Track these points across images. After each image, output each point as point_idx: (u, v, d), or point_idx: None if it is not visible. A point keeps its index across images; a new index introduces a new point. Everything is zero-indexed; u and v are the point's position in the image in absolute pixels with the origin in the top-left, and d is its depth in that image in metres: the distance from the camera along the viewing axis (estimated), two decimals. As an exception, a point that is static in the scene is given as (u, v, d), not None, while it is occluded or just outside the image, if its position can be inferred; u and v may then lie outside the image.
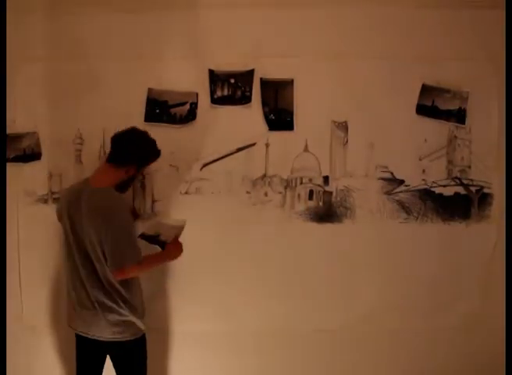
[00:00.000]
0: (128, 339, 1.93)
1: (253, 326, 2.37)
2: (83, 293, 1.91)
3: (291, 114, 2.29)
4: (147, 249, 1.94)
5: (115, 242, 1.80)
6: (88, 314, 1.91)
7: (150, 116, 2.27)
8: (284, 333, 2.38)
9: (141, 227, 2.07)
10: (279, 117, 2.30)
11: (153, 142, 1.99)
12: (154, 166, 2.28)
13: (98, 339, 1.92)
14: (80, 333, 1.96)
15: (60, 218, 1.98)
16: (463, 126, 2.32)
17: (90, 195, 1.85)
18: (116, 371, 2.01)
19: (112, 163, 1.90)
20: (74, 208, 1.87)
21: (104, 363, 2.06)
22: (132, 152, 1.91)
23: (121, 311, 1.89)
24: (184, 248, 2.00)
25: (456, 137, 2.33)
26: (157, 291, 2.32)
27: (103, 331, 1.90)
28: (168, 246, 1.98)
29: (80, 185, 1.94)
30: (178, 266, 2.30)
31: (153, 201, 2.31)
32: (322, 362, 2.42)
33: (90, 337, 1.93)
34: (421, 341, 2.41)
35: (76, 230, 1.88)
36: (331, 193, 2.33)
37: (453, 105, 2.31)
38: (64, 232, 1.95)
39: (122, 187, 1.96)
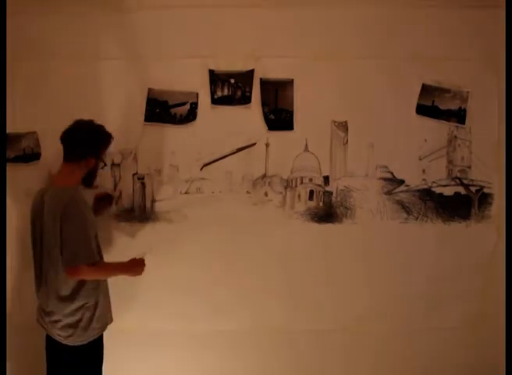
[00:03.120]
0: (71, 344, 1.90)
1: (252, 325, 2.37)
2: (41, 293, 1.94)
3: (291, 114, 2.29)
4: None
5: (68, 240, 1.78)
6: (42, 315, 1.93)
7: (150, 116, 2.27)
8: (284, 333, 2.38)
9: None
10: (279, 117, 2.30)
11: (100, 128, 1.95)
12: (154, 165, 2.29)
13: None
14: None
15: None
16: (463, 126, 2.32)
17: (50, 195, 1.85)
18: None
19: (70, 162, 1.90)
20: (38, 209, 1.88)
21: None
22: (83, 145, 1.89)
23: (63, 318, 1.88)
24: (183, 248, 2.00)
25: (456, 137, 2.33)
26: (157, 290, 2.32)
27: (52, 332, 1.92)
28: (133, 260, 2.01)
29: (45, 187, 1.96)
30: (177, 266, 2.30)
31: (153, 201, 2.31)
32: (322, 361, 2.42)
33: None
34: (421, 341, 2.41)
35: (37, 232, 1.90)
36: (331, 193, 2.33)
37: (453, 105, 2.31)
38: (31, 234, 1.96)
39: (87, 180, 1.97)
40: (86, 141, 1.89)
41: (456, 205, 2.34)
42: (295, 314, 2.37)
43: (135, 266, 2.01)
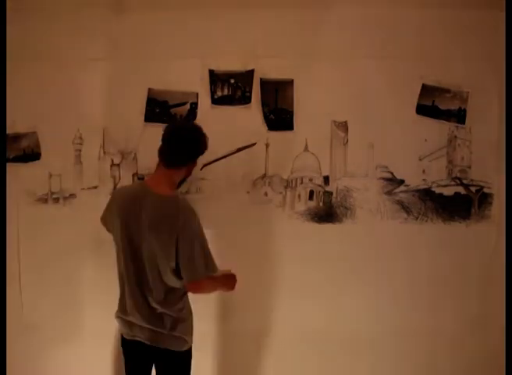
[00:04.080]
0: (180, 349, 1.88)
1: (252, 325, 2.37)
2: (140, 301, 1.82)
3: (291, 114, 2.29)
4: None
5: (194, 255, 1.75)
6: (147, 322, 1.84)
7: (150, 116, 2.27)
8: (283, 333, 2.38)
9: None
10: (279, 117, 2.30)
11: (205, 135, 1.90)
12: (154, 165, 2.28)
13: (151, 345, 1.85)
14: (139, 340, 1.88)
15: (109, 224, 1.91)
16: (463, 126, 2.32)
17: (155, 203, 1.76)
18: None
19: (172, 167, 1.82)
20: (132, 215, 1.77)
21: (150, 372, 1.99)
22: (194, 151, 1.85)
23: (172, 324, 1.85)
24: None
25: (456, 137, 2.33)
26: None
27: (162, 340, 1.85)
28: (230, 275, 2.00)
29: (138, 190, 1.85)
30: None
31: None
32: (322, 362, 2.41)
33: (148, 343, 1.86)
34: (421, 341, 2.41)
35: (132, 239, 1.78)
36: (331, 193, 2.33)
37: (453, 105, 2.31)
38: (116, 239, 1.85)
39: (180, 183, 1.93)
40: (198, 147, 1.85)
41: (456, 205, 2.34)
42: (295, 314, 2.37)
43: (231, 280, 1.99)
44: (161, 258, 1.77)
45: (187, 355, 1.93)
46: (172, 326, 1.84)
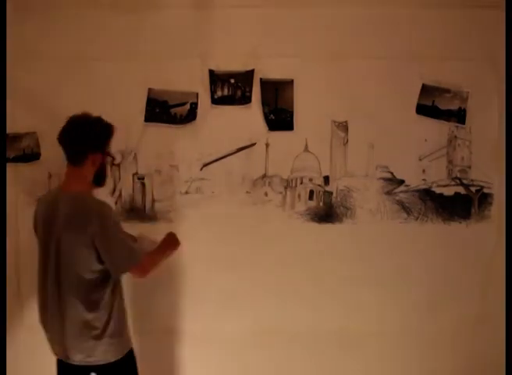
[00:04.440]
0: (111, 360, 1.74)
1: (252, 325, 2.37)
2: (55, 315, 1.73)
3: (291, 114, 2.29)
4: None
5: (117, 248, 1.69)
6: (61, 337, 1.73)
7: (150, 116, 2.27)
8: (283, 333, 2.38)
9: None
10: (279, 117, 2.30)
11: (98, 121, 1.77)
12: (154, 165, 2.29)
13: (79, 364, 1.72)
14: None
15: (36, 229, 1.84)
16: (463, 126, 2.32)
17: (66, 203, 1.69)
18: None
19: (76, 165, 1.73)
20: (50, 219, 1.71)
21: None
22: (87, 144, 1.72)
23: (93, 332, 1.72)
24: (183, 248, 1.99)
25: (456, 137, 2.33)
26: (158, 290, 2.32)
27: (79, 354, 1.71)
28: (164, 238, 1.97)
29: (54, 194, 1.80)
30: (177, 266, 2.30)
31: (153, 201, 2.31)
32: (321, 362, 2.41)
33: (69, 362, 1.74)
34: (421, 342, 2.41)
35: (50, 242, 1.71)
36: (331, 193, 2.33)
37: (453, 105, 2.31)
38: (39, 244, 1.80)
39: (98, 179, 1.82)
40: (88, 137, 1.72)
41: (456, 205, 2.34)
42: (294, 314, 2.37)
43: (172, 240, 1.98)
44: (79, 259, 1.68)
45: (122, 365, 1.78)
46: (96, 337, 1.72)
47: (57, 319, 1.74)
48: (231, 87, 2.28)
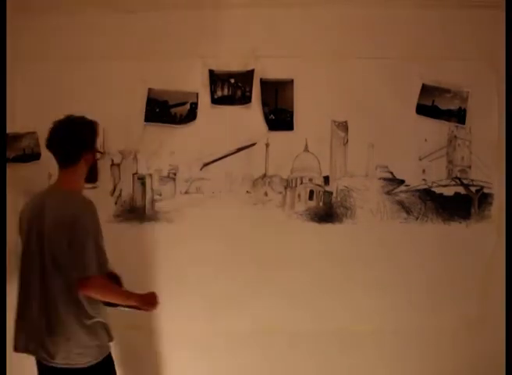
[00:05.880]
0: (87, 365, 1.70)
1: (251, 325, 2.37)
2: (35, 313, 1.72)
3: (291, 114, 2.29)
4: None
5: (81, 251, 1.63)
6: (39, 337, 1.70)
7: (150, 116, 2.27)
8: (283, 333, 2.38)
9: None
10: (279, 117, 2.30)
11: (84, 120, 1.79)
12: (154, 165, 2.29)
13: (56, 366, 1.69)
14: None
15: (20, 228, 1.84)
16: (463, 126, 2.32)
17: (54, 200, 1.71)
18: None
19: (68, 166, 1.75)
20: (36, 218, 1.72)
21: None
22: (80, 144, 1.75)
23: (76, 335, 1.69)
24: (184, 248, 1.99)
25: (456, 137, 2.33)
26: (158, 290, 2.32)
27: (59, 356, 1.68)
28: (149, 294, 1.87)
29: (44, 192, 1.81)
30: (177, 266, 2.30)
31: (153, 201, 2.31)
32: (321, 362, 2.41)
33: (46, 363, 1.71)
34: (421, 342, 2.41)
35: (35, 241, 1.71)
36: (331, 193, 2.33)
37: (453, 105, 2.31)
38: (23, 243, 1.80)
39: (91, 176, 1.84)
40: (80, 137, 1.74)
41: (456, 205, 2.34)
42: (294, 314, 2.37)
43: (150, 300, 1.86)
44: (60, 257, 1.66)
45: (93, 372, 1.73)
46: (68, 340, 1.69)
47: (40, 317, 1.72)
48: (231, 87, 2.28)
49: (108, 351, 1.80)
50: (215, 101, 2.28)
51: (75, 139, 1.75)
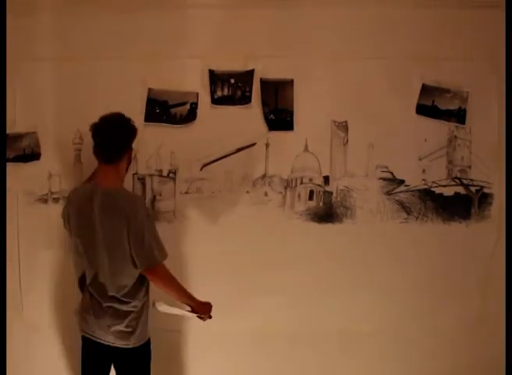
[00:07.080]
0: (133, 346, 1.92)
1: (252, 326, 2.37)
2: (94, 297, 1.90)
3: (291, 114, 2.29)
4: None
5: (145, 242, 1.79)
6: (99, 319, 1.89)
7: (150, 116, 2.27)
8: (283, 334, 2.38)
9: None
10: (279, 117, 2.30)
11: (129, 120, 1.90)
12: (154, 165, 2.29)
13: (105, 343, 1.91)
14: (88, 336, 1.95)
15: (66, 222, 1.96)
16: (463, 126, 2.32)
17: (103, 198, 1.82)
18: None
19: (113, 163, 1.85)
20: (86, 211, 1.83)
21: (109, 369, 2.04)
22: (127, 144, 1.88)
23: (127, 319, 1.89)
24: (184, 248, 2.00)
25: (456, 137, 2.33)
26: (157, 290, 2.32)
27: (109, 336, 1.90)
28: (206, 303, 2.04)
29: (89, 190, 1.89)
30: (177, 266, 2.30)
31: (153, 201, 2.31)
32: (321, 362, 2.41)
33: (98, 340, 1.92)
34: (421, 342, 2.41)
35: (87, 234, 1.85)
36: (331, 193, 2.33)
37: (453, 105, 2.31)
38: (73, 236, 1.93)
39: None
40: (127, 137, 1.87)
41: (456, 205, 2.34)
42: (294, 314, 2.37)
43: (208, 309, 2.04)
44: (118, 251, 1.81)
45: (145, 350, 1.99)
46: (128, 323, 1.89)
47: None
48: (231, 87, 2.28)
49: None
50: (215, 101, 2.28)
51: (124, 139, 1.86)
